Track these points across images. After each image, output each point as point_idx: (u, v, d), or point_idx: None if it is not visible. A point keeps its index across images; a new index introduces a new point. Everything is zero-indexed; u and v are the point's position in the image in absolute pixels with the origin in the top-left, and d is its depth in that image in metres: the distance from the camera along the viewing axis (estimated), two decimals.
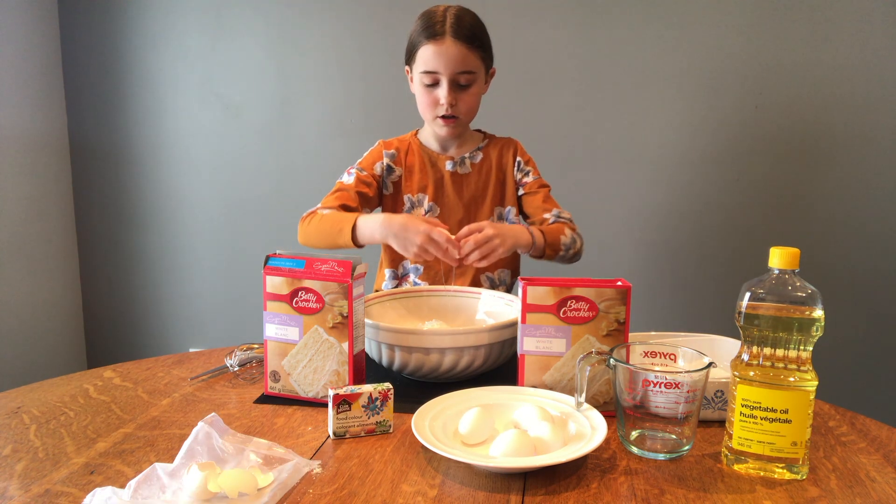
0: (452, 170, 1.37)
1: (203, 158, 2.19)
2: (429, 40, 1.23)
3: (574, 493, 0.70)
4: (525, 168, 1.41)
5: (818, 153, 1.85)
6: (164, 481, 0.69)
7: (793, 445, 0.73)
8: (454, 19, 1.24)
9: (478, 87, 1.29)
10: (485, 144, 1.40)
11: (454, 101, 1.26)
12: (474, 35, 1.25)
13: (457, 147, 1.39)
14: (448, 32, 1.22)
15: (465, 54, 1.24)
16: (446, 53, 1.23)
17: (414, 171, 1.37)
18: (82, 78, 2.22)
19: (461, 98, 1.27)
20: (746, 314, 0.74)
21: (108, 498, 0.65)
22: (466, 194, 1.37)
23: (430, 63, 1.24)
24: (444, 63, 1.23)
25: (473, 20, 1.27)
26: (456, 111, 1.28)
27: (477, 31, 1.26)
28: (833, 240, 1.87)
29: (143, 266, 2.28)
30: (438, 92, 1.26)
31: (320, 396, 0.92)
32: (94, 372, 1.06)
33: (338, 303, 0.89)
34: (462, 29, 1.23)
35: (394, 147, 1.38)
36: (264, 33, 2.09)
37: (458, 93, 1.27)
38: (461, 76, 1.25)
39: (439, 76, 1.25)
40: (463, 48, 1.23)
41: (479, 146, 1.40)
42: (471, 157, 1.38)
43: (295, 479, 0.72)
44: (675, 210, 1.95)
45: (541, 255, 1.26)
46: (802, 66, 1.82)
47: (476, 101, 1.31)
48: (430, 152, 1.38)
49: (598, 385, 0.89)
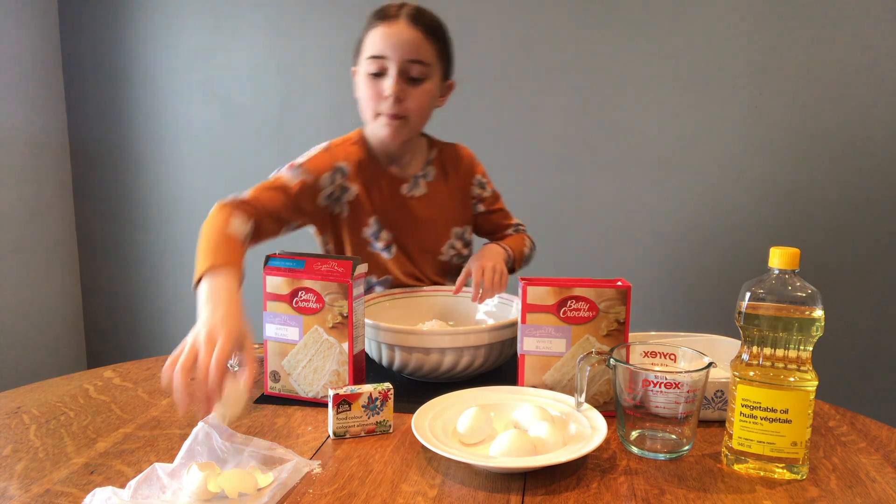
0: (409, 194, 1.22)
1: (203, 158, 2.19)
2: (379, 22, 1.08)
3: (574, 493, 0.70)
4: (482, 181, 1.30)
5: (818, 153, 1.85)
6: (164, 481, 0.69)
7: (793, 445, 0.73)
8: (412, 8, 1.10)
9: (431, 86, 1.11)
10: (434, 156, 1.25)
11: (402, 94, 1.08)
12: (432, 26, 1.11)
13: (406, 158, 1.23)
14: (402, 15, 1.08)
15: (419, 41, 1.07)
16: (398, 35, 1.06)
17: (372, 193, 1.20)
18: (82, 78, 2.22)
19: (411, 93, 1.09)
20: (746, 314, 0.74)
21: (108, 498, 0.65)
22: (424, 216, 1.24)
23: (377, 46, 1.07)
24: (393, 46, 1.06)
25: (434, 16, 1.12)
26: (403, 109, 1.09)
27: (436, 24, 1.12)
28: (833, 240, 1.87)
29: (143, 266, 2.28)
30: (384, 83, 1.08)
31: (320, 396, 0.92)
32: (94, 372, 1.06)
33: (338, 303, 0.89)
34: (419, 15, 1.09)
35: (343, 158, 1.18)
36: (264, 33, 2.09)
37: (408, 88, 1.09)
38: (413, 66, 1.07)
39: (387, 62, 1.07)
40: (418, 34, 1.07)
41: (428, 159, 1.25)
42: (424, 176, 1.24)
43: (295, 479, 0.72)
44: (674, 210, 1.95)
45: (510, 270, 1.23)
46: (802, 65, 1.82)
47: (428, 101, 1.12)
48: (387, 174, 1.21)
49: (598, 385, 0.89)
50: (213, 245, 0.94)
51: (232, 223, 0.99)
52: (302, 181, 1.12)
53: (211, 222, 0.99)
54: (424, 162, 1.24)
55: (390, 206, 1.22)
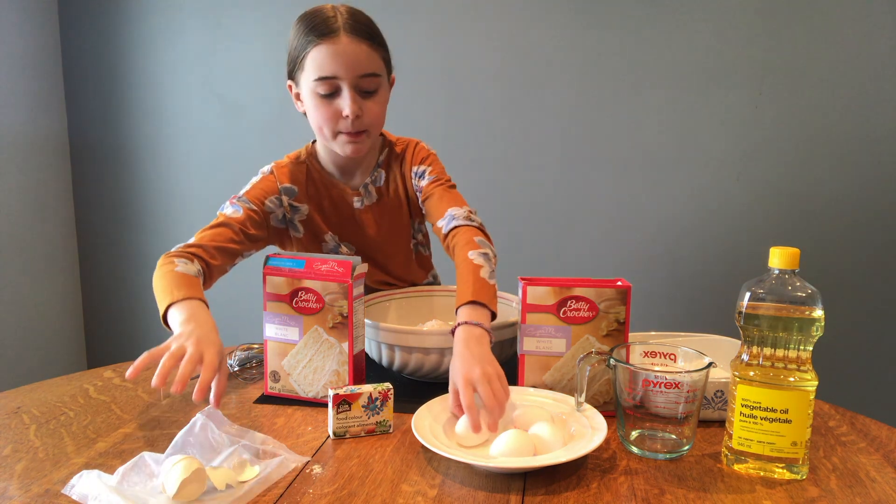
0: (361, 206, 1.19)
1: (203, 158, 2.19)
2: (321, 40, 1.02)
3: (574, 493, 0.70)
4: (420, 170, 1.20)
5: (818, 153, 1.85)
6: (151, 468, 0.70)
7: (793, 445, 0.73)
8: (347, 15, 1.04)
9: (384, 91, 1.10)
10: (383, 158, 1.21)
11: (359, 111, 1.05)
12: (373, 33, 1.06)
13: (358, 168, 1.20)
14: (343, 29, 1.02)
15: (367, 53, 1.04)
16: (345, 53, 1.02)
17: (325, 211, 1.19)
18: (82, 78, 2.22)
19: (367, 107, 1.06)
20: (746, 314, 0.74)
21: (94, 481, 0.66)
22: (379, 226, 1.21)
23: (325, 67, 1.02)
24: (343, 65, 1.02)
25: (368, 18, 1.08)
26: (362, 124, 1.06)
27: (374, 30, 1.07)
28: (833, 240, 1.87)
29: (143, 266, 2.28)
30: (340, 102, 1.05)
31: (320, 396, 0.92)
32: (94, 372, 1.06)
33: (338, 303, 0.89)
34: (359, 25, 1.04)
35: (292, 179, 1.16)
36: (264, 33, 2.09)
37: (363, 101, 1.06)
38: (365, 80, 1.05)
39: (339, 82, 1.04)
40: (364, 46, 1.04)
41: (377, 162, 1.20)
42: (373, 181, 1.19)
43: (280, 474, 0.72)
44: (674, 210, 1.95)
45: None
46: (803, 65, 1.82)
47: (383, 110, 1.11)
48: (336, 186, 1.19)
49: (598, 385, 0.89)
50: (170, 284, 0.96)
51: (178, 266, 1.00)
52: (246, 211, 1.12)
53: (159, 272, 1.01)
54: (373, 167, 1.20)
55: (344, 221, 1.20)
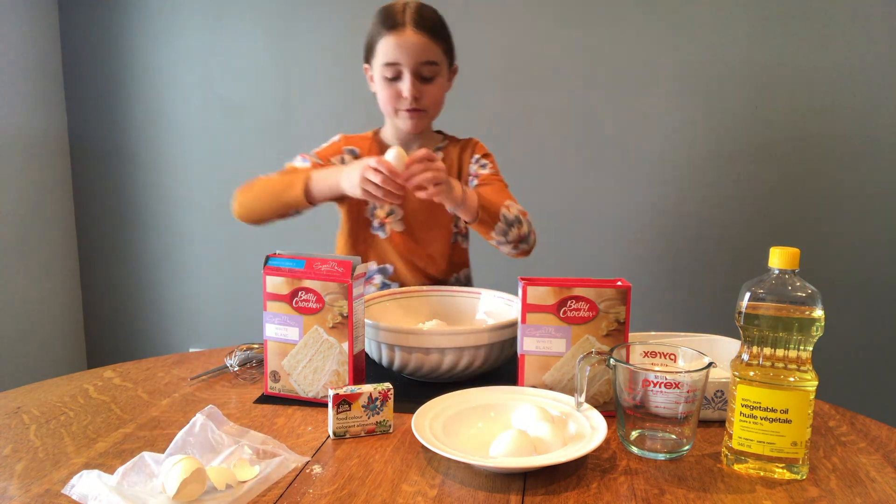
0: None
1: (203, 158, 2.19)
2: (388, 31, 1.19)
3: (574, 493, 0.70)
4: (482, 161, 1.36)
5: (818, 153, 1.85)
6: (152, 468, 0.70)
7: (793, 445, 0.73)
8: (414, 10, 1.20)
9: (442, 81, 1.25)
10: (445, 145, 1.36)
11: (418, 93, 1.22)
12: (435, 26, 1.22)
13: (418, 147, 1.30)
14: (409, 23, 1.19)
15: (427, 44, 1.20)
16: (407, 43, 1.19)
17: None
18: (82, 78, 2.22)
19: (425, 91, 1.23)
20: (746, 314, 0.74)
21: (94, 481, 0.66)
22: None
23: (390, 54, 1.20)
24: (405, 53, 1.19)
25: (434, 13, 1.24)
26: (421, 104, 1.23)
27: (438, 24, 1.23)
28: (833, 240, 1.87)
29: (143, 266, 2.28)
30: (401, 85, 1.22)
31: (320, 396, 0.92)
32: (94, 372, 1.06)
33: (338, 303, 0.89)
34: (423, 20, 1.20)
35: (355, 144, 1.33)
36: (264, 33, 2.09)
37: (422, 85, 1.22)
38: (424, 67, 1.21)
39: (401, 68, 1.20)
40: (425, 38, 1.20)
41: (438, 146, 1.35)
42: None
43: (280, 474, 0.72)
44: (675, 210, 1.95)
45: (474, 217, 1.16)
46: (803, 66, 1.82)
47: (441, 94, 1.27)
48: None
49: (598, 385, 0.89)
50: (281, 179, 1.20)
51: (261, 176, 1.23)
52: (313, 164, 1.27)
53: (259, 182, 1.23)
54: (433, 149, 1.34)
55: None
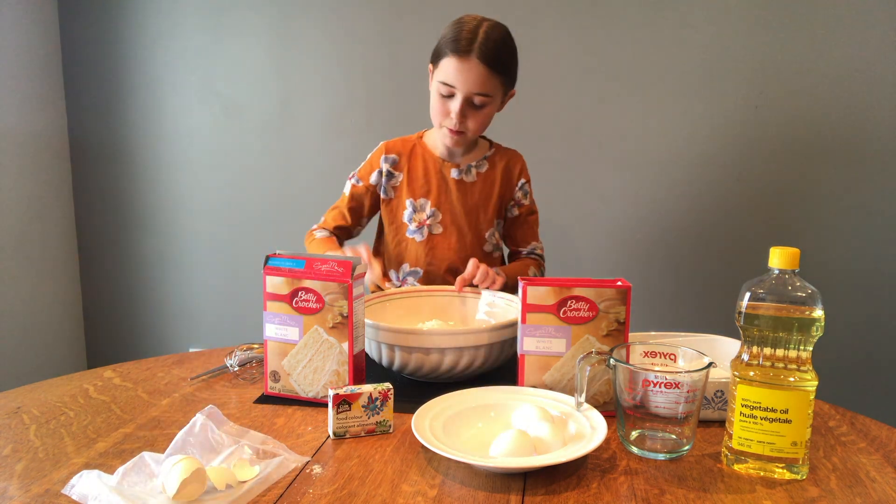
0: (458, 177, 1.35)
1: (203, 158, 2.18)
2: (453, 54, 1.20)
3: (574, 493, 0.70)
4: (525, 188, 1.41)
5: (818, 153, 1.85)
6: (151, 468, 0.70)
7: (793, 445, 0.73)
8: (483, 38, 1.20)
9: (491, 109, 1.28)
10: (491, 153, 1.38)
11: (464, 118, 1.25)
12: (500, 58, 1.22)
13: (462, 155, 1.37)
14: (474, 52, 1.19)
15: (485, 77, 1.21)
16: (467, 73, 1.20)
17: (417, 176, 1.36)
18: (82, 78, 2.22)
19: (472, 116, 1.26)
20: (746, 314, 0.74)
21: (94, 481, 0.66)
22: (469, 202, 1.36)
23: (449, 76, 1.22)
24: (462, 81, 1.21)
25: (502, 42, 1.23)
26: (464, 127, 1.26)
27: (504, 55, 1.23)
28: (833, 240, 1.87)
29: (143, 266, 2.28)
30: (451, 105, 1.24)
31: (320, 396, 0.92)
32: (94, 372, 1.06)
33: (338, 303, 0.89)
34: (489, 51, 1.20)
35: (396, 151, 1.37)
36: (264, 33, 2.09)
37: (470, 111, 1.25)
38: (476, 97, 1.23)
39: (455, 91, 1.23)
40: (485, 71, 1.20)
41: (485, 155, 1.38)
42: (477, 167, 1.36)
43: (280, 474, 0.72)
44: (675, 210, 1.95)
45: None
46: (803, 65, 1.82)
47: (487, 120, 1.29)
48: (434, 157, 1.36)
49: (598, 385, 0.89)
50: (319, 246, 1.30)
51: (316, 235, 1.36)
52: (352, 190, 1.39)
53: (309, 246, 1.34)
54: (481, 157, 1.38)
55: (437, 186, 1.36)
